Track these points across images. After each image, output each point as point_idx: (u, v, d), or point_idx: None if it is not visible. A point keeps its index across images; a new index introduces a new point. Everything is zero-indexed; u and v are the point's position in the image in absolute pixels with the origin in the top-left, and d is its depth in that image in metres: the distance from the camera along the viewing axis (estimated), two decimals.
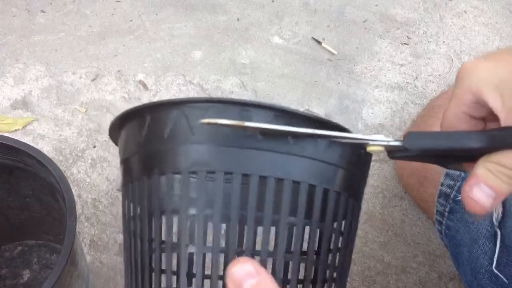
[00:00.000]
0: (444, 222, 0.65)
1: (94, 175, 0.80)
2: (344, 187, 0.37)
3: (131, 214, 0.38)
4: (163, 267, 0.36)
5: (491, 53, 0.38)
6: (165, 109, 0.35)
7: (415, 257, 0.76)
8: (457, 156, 0.37)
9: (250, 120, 0.34)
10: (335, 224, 0.37)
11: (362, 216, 0.79)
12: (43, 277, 0.72)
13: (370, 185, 0.81)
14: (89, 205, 0.78)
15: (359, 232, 0.78)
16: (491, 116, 0.37)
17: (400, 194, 0.81)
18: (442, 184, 0.66)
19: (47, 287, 0.49)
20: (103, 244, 0.75)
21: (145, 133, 0.36)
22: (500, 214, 0.56)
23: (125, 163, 0.39)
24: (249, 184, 0.34)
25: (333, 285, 0.38)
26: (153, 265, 0.36)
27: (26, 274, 0.72)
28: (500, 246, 0.55)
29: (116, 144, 0.41)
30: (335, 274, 0.38)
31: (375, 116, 0.87)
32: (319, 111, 0.87)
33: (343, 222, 0.38)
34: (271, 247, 0.34)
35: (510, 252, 0.54)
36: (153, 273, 0.36)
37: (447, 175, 0.65)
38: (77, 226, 0.54)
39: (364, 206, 0.79)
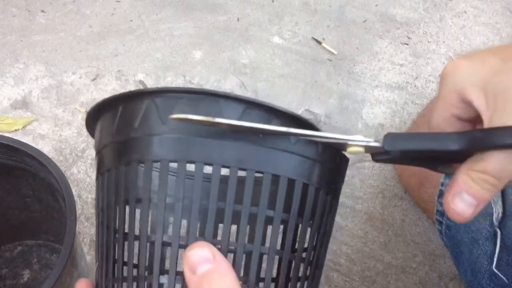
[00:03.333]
0: (444, 222, 0.65)
1: (94, 175, 0.80)
2: (323, 183, 0.36)
3: (100, 205, 0.38)
4: (125, 257, 0.36)
5: (475, 53, 0.37)
6: (136, 99, 0.35)
7: (415, 257, 0.76)
8: (442, 158, 0.37)
9: (221, 113, 0.33)
10: (303, 217, 0.36)
11: (362, 216, 0.79)
12: (43, 277, 0.72)
13: (370, 185, 0.81)
14: (89, 205, 0.78)
15: (359, 232, 0.78)
16: (480, 118, 0.37)
17: (400, 194, 0.81)
18: (442, 184, 0.66)
19: (47, 287, 0.49)
20: None
21: (116, 123, 0.36)
22: (500, 214, 0.56)
23: (99, 155, 0.39)
24: (212, 174, 0.33)
25: (306, 283, 0.37)
26: (116, 252, 0.36)
27: (26, 274, 0.72)
28: (500, 246, 0.55)
29: (93, 137, 0.41)
30: (304, 267, 0.37)
31: (375, 116, 0.87)
32: (319, 111, 0.87)
33: (319, 219, 0.37)
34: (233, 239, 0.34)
35: (510, 252, 0.54)
36: (116, 263, 0.37)
37: (447, 175, 0.65)
38: (77, 226, 0.54)
39: (364, 206, 0.79)
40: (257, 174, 0.34)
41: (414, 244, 0.77)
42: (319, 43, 0.93)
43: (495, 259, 0.55)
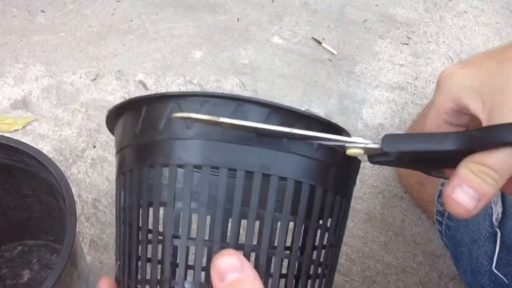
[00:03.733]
0: (444, 222, 0.65)
1: (94, 175, 0.80)
2: (332, 184, 0.37)
3: (122, 204, 0.38)
4: (149, 256, 0.36)
5: (470, 59, 0.38)
6: (161, 102, 0.35)
7: (415, 257, 0.76)
8: (438, 160, 0.37)
9: (246, 116, 0.34)
10: (321, 221, 0.37)
11: (362, 216, 0.79)
12: (43, 277, 0.72)
13: (370, 185, 0.81)
14: (89, 205, 0.78)
15: (359, 232, 0.78)
16: (472, 123, 0.37)
17: (400, 194, 0.81)
18: (442, 184, 0.66)
19: (47, 287, 0.49)
20: (103, 244, 0.75)
21: (140, 124, 0.36)
22: (500, 214, 0.56)
23: (120, 153, 0.39)
24: (235, 179, 0.34)
25: (318, 281, 0.38)
26: (140, 254, 0.37)
27: (26, 274, 0.72)
28: (500, 246, 0.55)
29: (113, 134, 0.42)
30: (320, 270, 0.38)
31: (375, 116, 0.87)
32: (319, 111, 0.87)
33: (330, 219, 0.38)
34: (255, 242, 0.35)
35: (510, 252, 0.54)
36: (139, 262, 0.37)
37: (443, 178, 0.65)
38: (77, 226, 0.54)
39: (364, 206, 0.79)
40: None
41: (414, 244, 0.77)
42: (319, 43, 0.93)
43: (495, 259, 0.55)
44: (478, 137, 0.33)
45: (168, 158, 0.35)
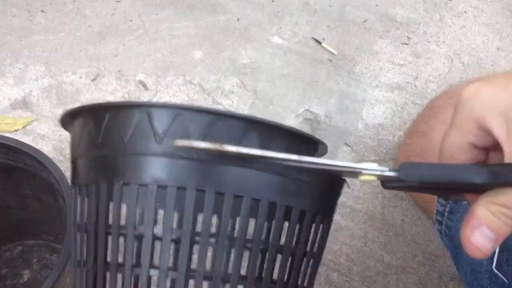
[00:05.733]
0: (444, 222, 0.65)
1: None
2: (330, 212, 0.36)
3: (79, 220, 0.35)
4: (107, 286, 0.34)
5: (494, 77, 0.35)
6: (127, 111, 0.32)
7: (415, 257, 0.76)
8: (458, 189, 0.36)
9: (221, 132, 0.31)
10: (299, 245, 0.35)
11: (362, 216, 0.79)
12: (43, 277, 0.72)
13: (370, 185, 0.81)
14: None
15: (359, 232, 0.78)
16: (495, 146, 0.35)
17: (400, 194, 0.81)
18: None
19: (47, 287, 0.49)
20: None
21: (102, 134, 0.33)
22: None
23: (74, 163, 0.36)
24: (205, 200, 0.32)
25: None
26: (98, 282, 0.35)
27: (26, 274, 0.72)
28: (500, 246, 0.55)
29: (67, 130, 0.38)
30: None
31: (375, 116, 0.87)
32: (319, 111, 0.87)
33: (319, 246, 0.36)
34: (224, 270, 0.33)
35: (510, 252, 0.54)
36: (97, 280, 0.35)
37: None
38: None
39: (364, 206, 0.79)
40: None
41: (414, 244, 0.77)
42: (319, 43, 0.93)
43: (495, 259, 0.55)
44: (501, 174, 0.32)
45: (132, 176, 0.32)
